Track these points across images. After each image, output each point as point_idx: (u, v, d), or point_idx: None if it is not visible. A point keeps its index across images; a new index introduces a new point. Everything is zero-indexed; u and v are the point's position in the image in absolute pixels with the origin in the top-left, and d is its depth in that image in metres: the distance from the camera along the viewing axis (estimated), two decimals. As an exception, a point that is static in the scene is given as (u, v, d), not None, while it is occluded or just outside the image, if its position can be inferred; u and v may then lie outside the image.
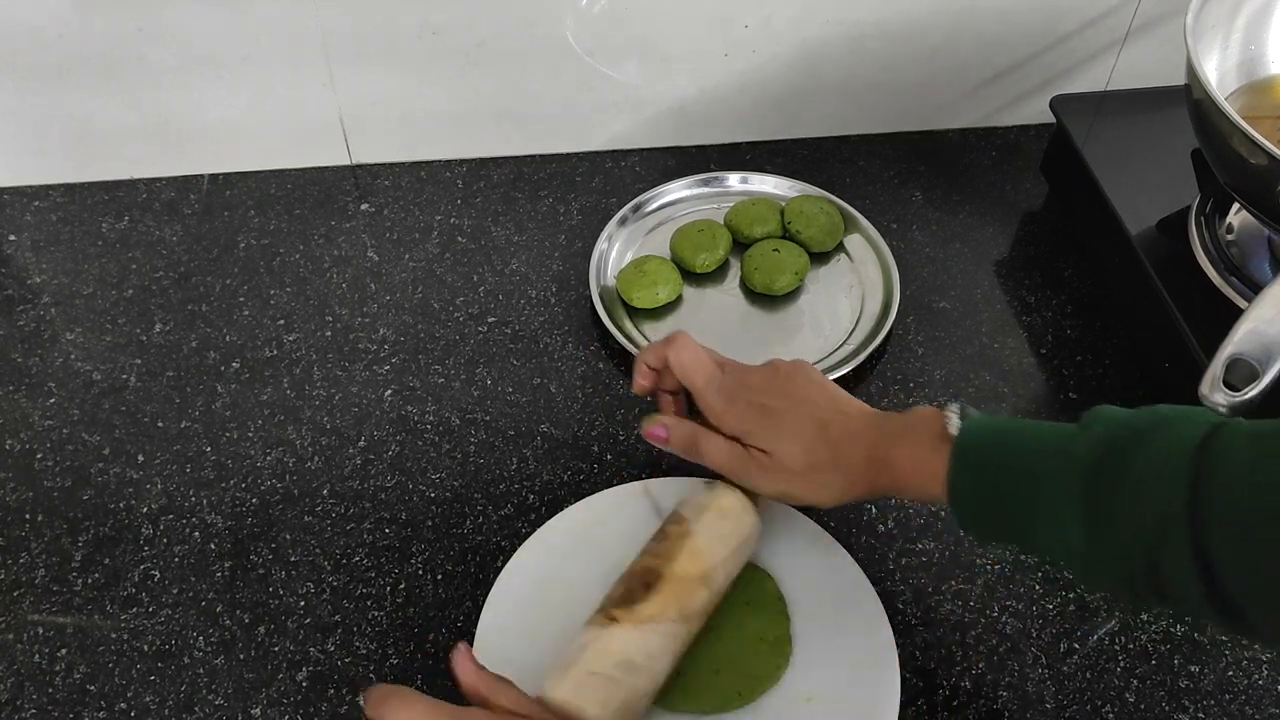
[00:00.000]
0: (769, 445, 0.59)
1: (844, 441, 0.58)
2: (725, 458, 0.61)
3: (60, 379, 0.76)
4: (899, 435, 0.57)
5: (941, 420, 0.56)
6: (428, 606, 0.65)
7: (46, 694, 0.61)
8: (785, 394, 0.61)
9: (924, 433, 0.56)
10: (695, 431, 0.62)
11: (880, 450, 0.57)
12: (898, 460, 0.57)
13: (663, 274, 0.80)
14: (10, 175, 0.89)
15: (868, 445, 0.58)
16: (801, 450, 0.58)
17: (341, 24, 0.82)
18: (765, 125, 0.94)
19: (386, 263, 0.85)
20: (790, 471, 0.59)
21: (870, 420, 0.59)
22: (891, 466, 0.57)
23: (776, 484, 0.60)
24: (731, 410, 0.61)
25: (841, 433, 0.59)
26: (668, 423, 0.64)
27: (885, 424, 0.59)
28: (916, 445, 0.56)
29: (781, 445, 0.59)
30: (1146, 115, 0.85)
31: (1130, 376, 0.77)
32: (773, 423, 0.60)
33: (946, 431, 0.55)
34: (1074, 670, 0.62)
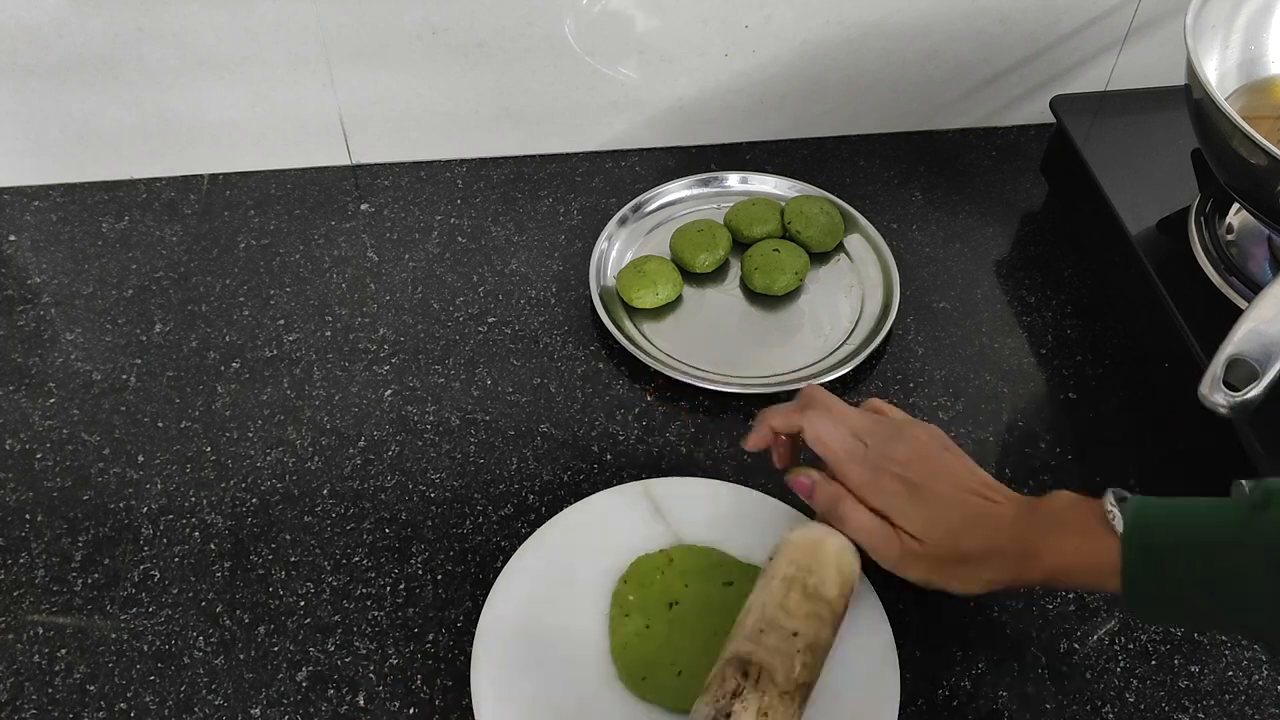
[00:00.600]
0: (919, 530, 0.57)
1: (994, 533, 0.56)
2: (871, 534, 0.58)
3: (60, 379, 0.76)
4: (1053, 526, 0.55)
5: (1098, 508, 0.54)
6: (428, 606, 0.65)
7: (46, 694, 0.61)
8: (932, 473, 0.58)
9: (1080, 522, 0.55)
10: (840, 496, 0.59)
11: (1032, 542, 0.55)
12: (1055, 553, 0.55)
13: (663, 274, 0.80)
14: (10, 175, 0.89)
15: (1018, 536, 0.56)
16: (952, 539, 0.57)
17: (341, 24, 0.82)
18: (765, 125, 0.94)
19: (386, 263, 0.85)
20: (938, 560, 0.57)
21: (1019, 508, 0.57)
22: (1046, 559, 0.55)
23: (921, 571, 0.58)
24: (878, 486, 0.58)
25: (991, 521, 0.57)
26: (815, 479, 0.61)
27: (1036, 513, 0.57)
28: (1076, 537, 0.54)
29: (931, 531, 0.57)
30: (1146, 115, 0.85)
31: (1130, 376, 0.77)
32: (920, 504, 0.57)
33: (1108, 522, 0.53)
34: (1074, 670, 0.62)
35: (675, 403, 0.75)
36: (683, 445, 0.73)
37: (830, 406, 0.62)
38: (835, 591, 0.57)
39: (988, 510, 0.57)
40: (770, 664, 0.54)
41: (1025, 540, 0.56)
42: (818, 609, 0.56)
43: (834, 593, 0.57)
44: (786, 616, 0.56)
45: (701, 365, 0.76)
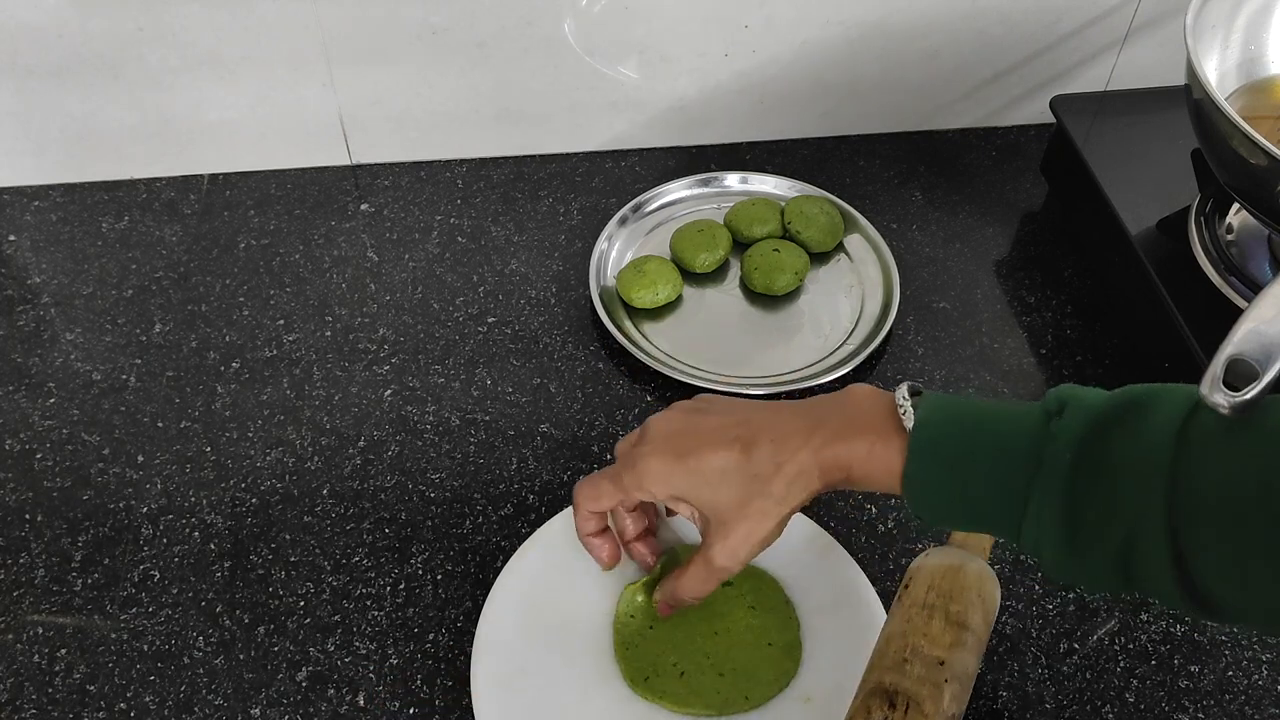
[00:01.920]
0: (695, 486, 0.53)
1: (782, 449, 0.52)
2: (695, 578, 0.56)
3: (60, 379, 0.76)
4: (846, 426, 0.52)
5: (889, 404, 0.52)
6: (428, 606, 0.65)
7: (46, 694, 0.61)
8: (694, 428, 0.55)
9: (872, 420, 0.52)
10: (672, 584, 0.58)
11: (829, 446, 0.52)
12: (849, 454, 0.52)
13: (663, 274, 0.80)
14: (10, 175, 0.89)
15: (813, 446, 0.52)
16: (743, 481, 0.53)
17: (341, 24, 0.82)
18: (765, 125, 0.94)
19: (386, 263, 0.85)
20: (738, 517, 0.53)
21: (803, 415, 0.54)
22: (843, 461, 0.52)
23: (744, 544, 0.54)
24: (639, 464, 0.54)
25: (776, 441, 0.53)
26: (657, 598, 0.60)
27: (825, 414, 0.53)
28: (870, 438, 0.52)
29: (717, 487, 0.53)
30: (1146, 115, 0.85)
31: (1130, 377, 0.77)
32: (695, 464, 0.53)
33: (896, 418, 0.51)
34: (1074, 670, 0.62)
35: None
36: (683, 445, 0.73)
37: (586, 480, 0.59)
38: (979, 619, 0.55)
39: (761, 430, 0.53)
40: (918, 694, 0.51)
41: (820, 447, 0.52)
42: (962, 637, 0.53)
43: (977, 620, 0.55)
44: (931, 645, 0.53)
45: (701, 365, 0.76)
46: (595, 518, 0.59)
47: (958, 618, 0.54)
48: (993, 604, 0.57)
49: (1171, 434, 0.46)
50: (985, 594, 0.56)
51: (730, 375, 0.76)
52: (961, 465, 0.50)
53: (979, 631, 0.55)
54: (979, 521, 0.51)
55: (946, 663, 0.52)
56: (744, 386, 0.75)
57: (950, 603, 0.55)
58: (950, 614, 0.54)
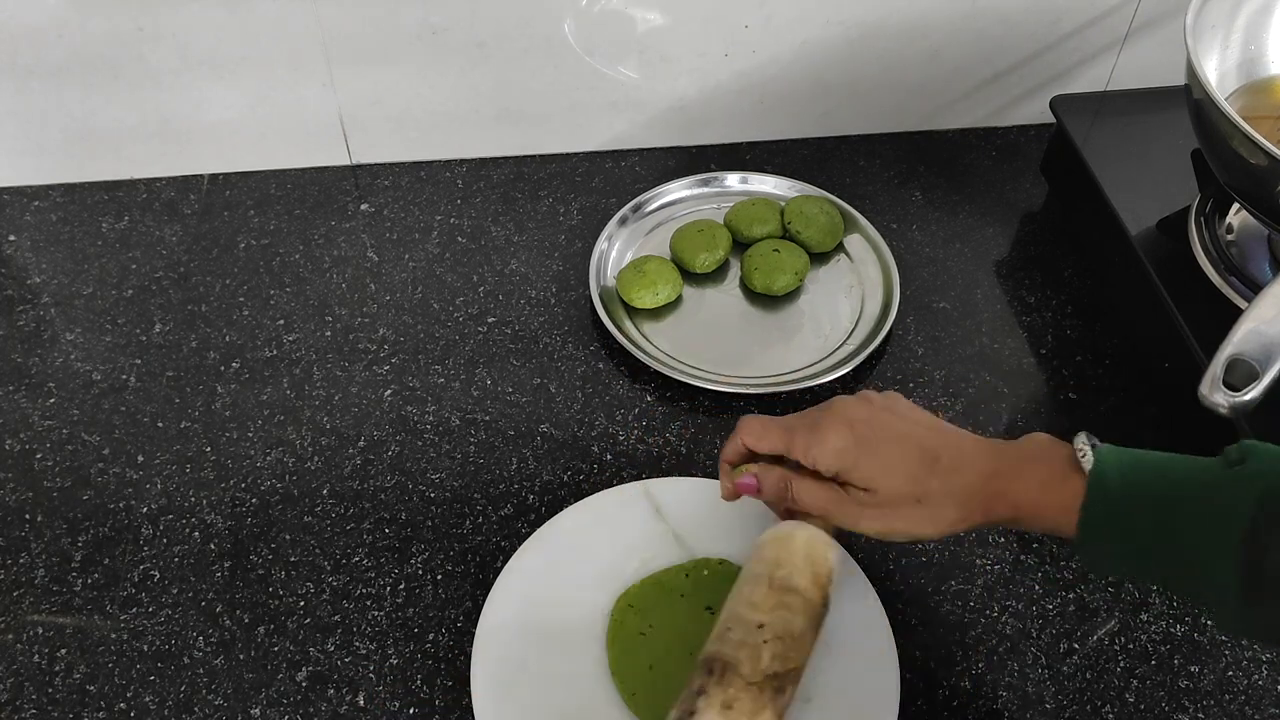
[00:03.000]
0: (870, 481, 0.55)
1: (955, 467, 0.54)
2: (820, 498, 0.56)
3: (60, 379, 0.76)
4: (1020, 461, 0.54)
5: (1069, 450, 0.53)
6: (428, 606, 0.65)
7: (46, 694, 0.61)
8: (879, 422, 0.56)
9: (1049, 460, 0.53)
10: (785, 476, 0.57)
11: (999, 477, 0.54)
12: (1020, 490, 0.53)
13: (663, 274, 0.80)
14: (10, 175, 0.89)
15: (984, 474, 0.54)
16: (906, 480, 0.54)
17: (341, 24, 0.82)
18: (765, 125, 0.94)
19: (386, 263, 0.85)
20: (894, 505, 0.55)
21: (984, 447, 0.56)
22: (1011, 496, 0.53)
23: (881, 522, 0.55)
24: (821, 443, 0.56)
25: (951, 458, 0.55)
26: (756, 471, 0.59)
27: (1003, 451, 0.55)
28: (1041, 473, 0.53)
29: (885, 480, 0.55)
30: (1146, 115, 0.85)
31: (1130, 376, 0.77)
32: (869, 451, 0.55)
33: (1077, 461, 0.52)
34: (1074, 670, 0.62)
35: (675, 403, 0.75)
36: (683, 445, 0.73)
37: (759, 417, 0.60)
38: (806, 581, 0.56)
39: (945, 446, 0.55)
40: (735, 658, 0.53)
41: (991, 476, 0.54)
42: (786, 599, 0.55)
43: (804, 582, 0.55)
44: (752, 611, 0.54)
45: (701, 365, 0.76)
46: (744, 453, 0.60)
47: (782, 582, 0.55)
48: (824, 565, 0.57)
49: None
50: (815, 556, 0.56)
51: (730, 375, 0.76)
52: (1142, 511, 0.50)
53: (807, 593, 0.55)
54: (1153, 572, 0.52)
55: (766, 625, 0.54)
56: (744, 386, 0.75)
57: (776, 569, 0.56)
58: (774, 579, 0.55)
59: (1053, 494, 0.52)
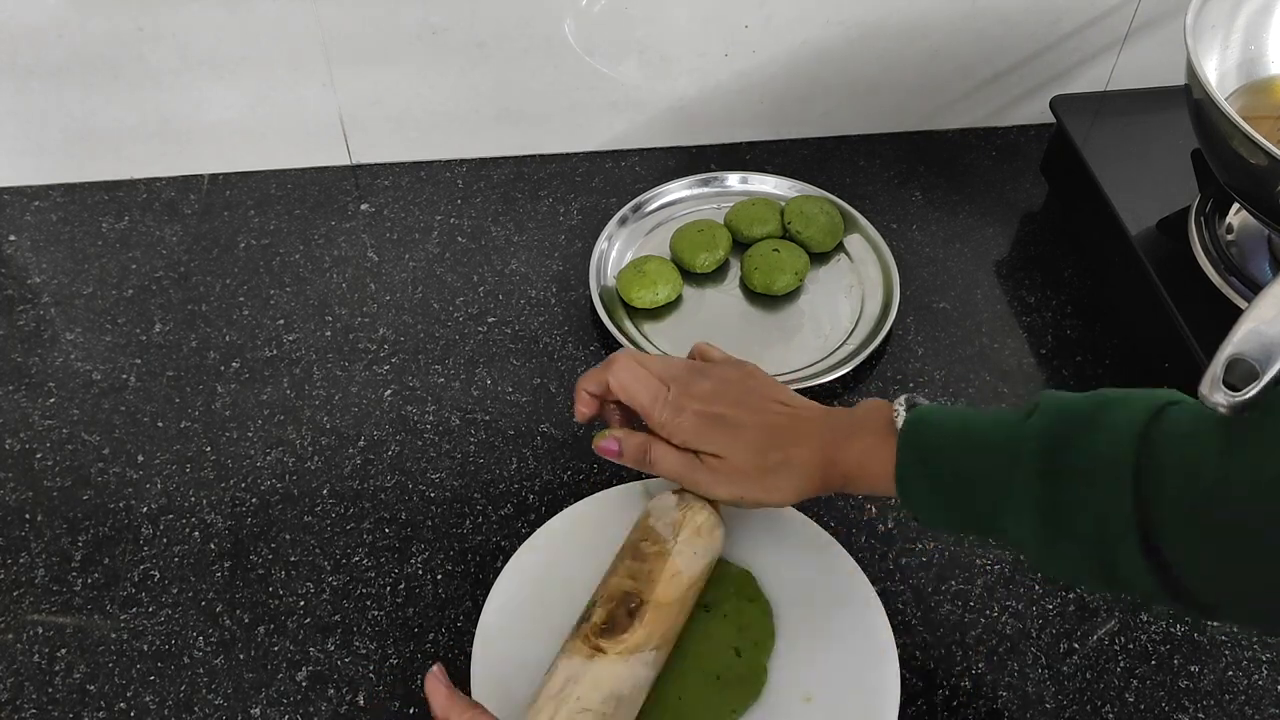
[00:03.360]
0: (721, 450, 0.58)
1: (795, 441, 0.58)
2: (675, 465, 0.60)
3: (60, 379, 0.76)
4: (848, 430, 0.57)
5: (889, 412, 0.56)
6: (428, 606, 0.65)
7: (46, 694, 0.61)
8: (734, 400, 0.60)
9: (872, 426, 0.56)
10: (645, 441, 0.61)
11: (831, 446, 0.57)
12: (847, 455, 0.56)
13: (663, 274, 0.80)
14: (10, 175, 0.89)
15: (819, 443, 0.57)
16: (752, 453, 0.58)
17: (341, 24, 0.82)
18: (765, 125, 0.94)
19: (386, 263, 0.85)
20: (742, 474, 0.58)
21: (820, 417, 0.59)
22: (842, 462, 0.57)
23: (728, 488, 0.59)
24: (679, 422, 0.59)
25: (792, 433, 0.58)
26: (618, 435, 0.62)
27: (835, 420, 0.58)
28: (865, 439, 0.56)
29: (731, 450, 0.58)
30: (1146, 115, 0.85)
31: (1130, 376, 0.77)
32: (722, 429, 0.59)
33: (894, 424, 0.55)
34: (1074, 670, 0.62)
35: (675, 403, 0.75)
36: (683, 445, 0.73)
37: (634, 357, 0.62)
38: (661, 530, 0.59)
39: (787, 422, 0.58)
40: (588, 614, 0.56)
41: (826, 446, 0.57)
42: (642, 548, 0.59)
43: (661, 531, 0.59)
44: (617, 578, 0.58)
45: (701, 365, 0.76)
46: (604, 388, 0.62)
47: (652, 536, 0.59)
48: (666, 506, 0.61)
49: (1136, 430, 0.47)
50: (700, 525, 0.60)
51: (730, 375, 0.76)
52: (945, 461, 0.53)
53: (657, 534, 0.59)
54: (966, 519, 0.54)
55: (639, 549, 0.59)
56: (744, 386, 0.75)
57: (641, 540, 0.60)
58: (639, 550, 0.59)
59: (874, 459, 0.55)
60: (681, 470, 0.60)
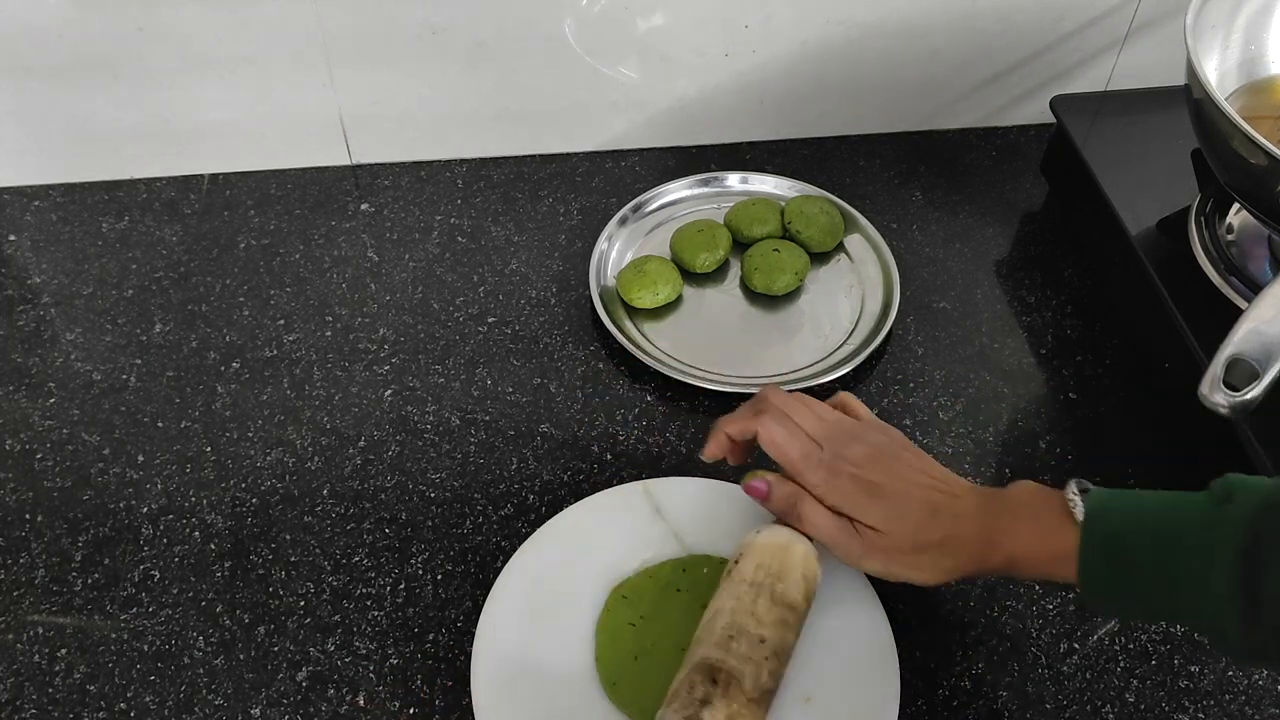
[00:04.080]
0: (879, 523, 0.57)
1: (955, 522, 0.57)
2: (829, 528, 0.58)
3: (60, 379, 0.76)
4: (1014, 514, 0.56)
5: (1061, 499, 0.55)
6: (428, 606, 0.65)
7: (46, 694, 0.61)
8: (889, 471, 0.58)
9: (1044, 510, 0.55)
10: (798, 495, 0.59)
11: (994, 531, 0.56)
12: (1016, 541, 0.55)
13: (663, 274, 0.80)
14: (10, 175, 0.89)
15: (980, 525, 0.56)
16: (912, 530, 0.57)
17: (341, 24, 0.82)
18: (765, 125, 0.94)
19: (386, 263, 0.85)
20: (899, 551, 0.57)
21: (980, 499, 0.58)
22: (1006, 546, 0.56)
23: (883, 563, 0.58)
24: (835, 486, 0.58)
25: (952, 513, 0.57)
26: (771, 481, 0.60)
27: (997, 501, 0.57)
28: (1038, 525, 0.55)
29: (891, 524, 0.57)
30: (1146, 115, 0.85)
31: (1130, 376, 0.77)
32: (879, 500, 0.58)
33: (1069, 510, 0.54)
34: (1074, 670, 0.62)
35: (675, 403, 0.75)
36: (683, 445, 0.73)
37: (786, 409, 0.61)
38: (800, 596, 0.57)
39: (947, 501, 0.58)
40: (740, 671, 0.54)
41: (986, 527, 0.56)
42: (785, 615, 0.56)
43: (799, 598, 0.57)
44: (756, 624, 0.55)
45: (701, 365, 0.76)
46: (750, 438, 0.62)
47: (782, 597, 0.57)
48: (815, 581, 0.59)
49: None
50: (809, 573, 0.59)
51: (730, 375, 0.76)
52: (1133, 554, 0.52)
53: (800, 608, 0.58)
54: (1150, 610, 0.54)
55: (767, 640, 0.55)
56: (744, 386, 0.75)
57: (777, 582, 0.57)
58: (776, 593, 0.57)
59: (1047, 545, 0.54)
60: (835, 536, 0.58)
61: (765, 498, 0.61)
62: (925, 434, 0.74)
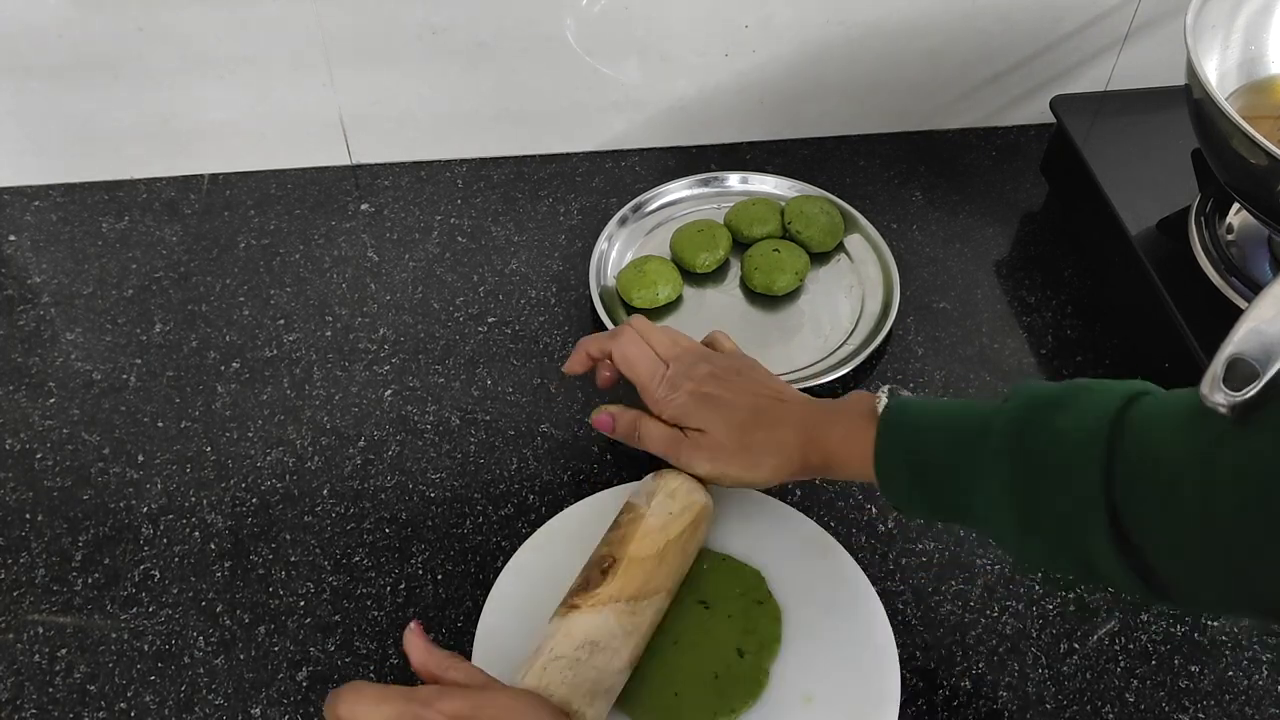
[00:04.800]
0: (704, 426, 0.61)
1: (777, 423, 0.60)
2: (662, 438, 0.63)
3: (60, 379, 0.76)
4: (831, 416, 0.59)
5: (872, 401, 0.58)
6: (428, 606, 0.65)
7: (46, 694, 0.61)
8: (727, 385, 0.62)
9: (855, 413, 0.58)
10: (637, 417, 0.64)
11: (813, 430, 0.59)
12: (828, 440, 0.58)
13: (663, 274, 0.80)
14: (10, 175, 0.89)
15: (801, 426, 0.59)
16: (734, 428, 0.60)
17: (341, 24, 0.82)
18: (765, 125, 0.94)
19: (386, 263, 0.85)
20: (722, 449, 0.60)
21: (805, 403, 0.61)
22: (823, 446, 0.59)
23: (709, 462, 0.61)
24: (671, 398, 0.62)
25: (775, 414, 0.60)
26: (613, 411, 0.65)
27: (819, 406, 0.61)
28: (847, 424, 0.58)
29: (714, 426, 0.61)
30: (1146, 115, 0.85)
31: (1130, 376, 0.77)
32: (709, 407, 0.61)
33: (875, 411, 0.57)
34: (1074, 670, 0.62)
35: (675, 403, 0.75)
36: (683, 445, 0.73)
37: (643, 332, 0.65)
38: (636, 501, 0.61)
39: (773, 406, 0.61)
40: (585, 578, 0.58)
41: (808, 429, 0.59)
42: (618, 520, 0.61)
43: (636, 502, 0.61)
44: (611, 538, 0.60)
45: (701, 365, 0.76)
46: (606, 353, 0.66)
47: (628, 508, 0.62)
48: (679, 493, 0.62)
49: (1108, 415, 0.48)
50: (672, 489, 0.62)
51: (730, 375, 0.76)
52: (922, 446, 0.54)
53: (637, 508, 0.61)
54: (942, 506, 0.55)
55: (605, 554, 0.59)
56: (744, 386, 0.74)
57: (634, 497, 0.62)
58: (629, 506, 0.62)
59: (854, 443, 0.57)
60: (666, 444, 0.63)
61: (610, 429, 0.65)
62: (925, 434, 0.74)
